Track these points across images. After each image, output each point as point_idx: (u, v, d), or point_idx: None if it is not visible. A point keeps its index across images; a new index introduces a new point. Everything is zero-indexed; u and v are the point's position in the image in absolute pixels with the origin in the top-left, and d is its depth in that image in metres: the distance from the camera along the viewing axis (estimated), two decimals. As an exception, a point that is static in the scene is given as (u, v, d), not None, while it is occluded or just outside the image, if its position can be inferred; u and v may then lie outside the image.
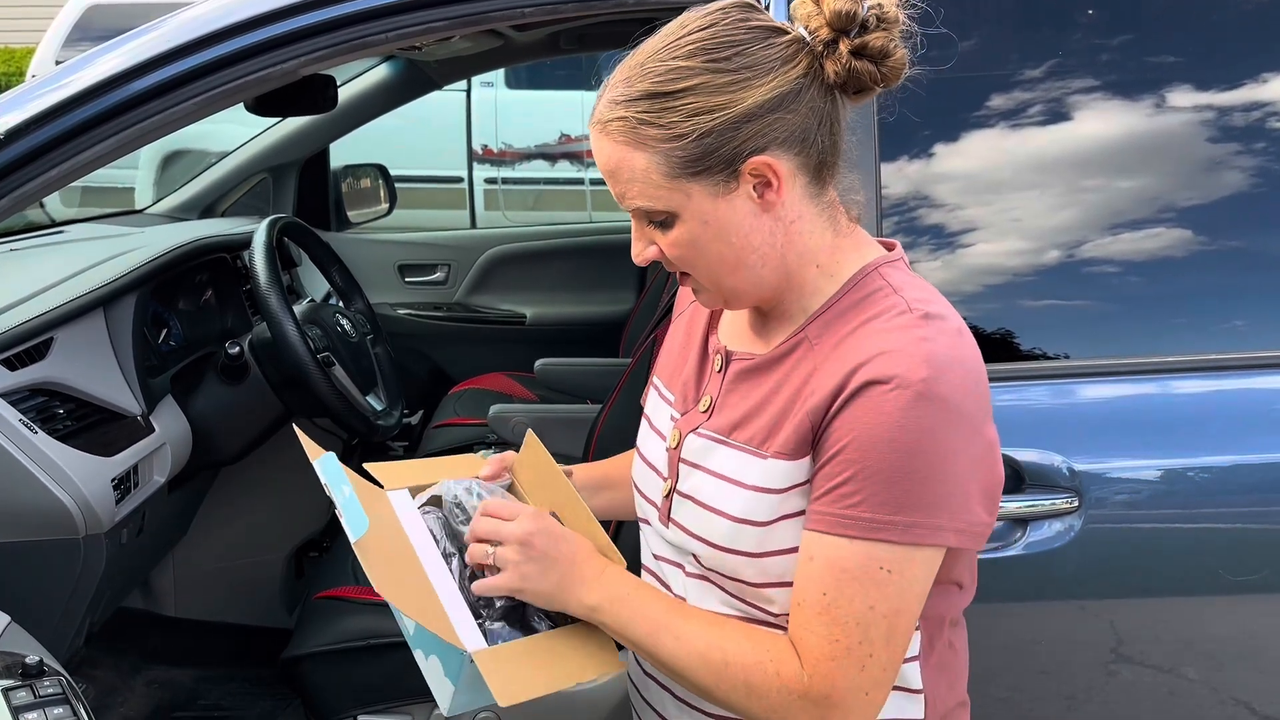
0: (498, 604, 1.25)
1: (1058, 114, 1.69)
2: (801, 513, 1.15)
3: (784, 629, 1.17)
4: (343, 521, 1.24)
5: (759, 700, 1.13)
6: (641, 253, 1.19)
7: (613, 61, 1.18)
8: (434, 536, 1.30)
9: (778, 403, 1.17)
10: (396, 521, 1.30)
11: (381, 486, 1.35)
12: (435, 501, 1.33)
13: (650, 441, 1.32)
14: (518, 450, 1.40)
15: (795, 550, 1.15)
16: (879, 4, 1.12)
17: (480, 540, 1.24)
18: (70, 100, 1.66)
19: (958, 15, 1.72)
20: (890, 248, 1.24)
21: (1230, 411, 1.67)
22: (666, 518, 1.26)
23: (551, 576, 1.21)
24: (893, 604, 1.10)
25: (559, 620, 1.28)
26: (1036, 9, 1.76)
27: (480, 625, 1.24)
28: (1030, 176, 1.72)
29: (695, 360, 1.30)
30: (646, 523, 1.32)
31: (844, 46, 1.11)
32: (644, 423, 1.35)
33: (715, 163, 1.11)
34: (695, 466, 1.23)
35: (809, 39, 1.12)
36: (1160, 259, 1.69)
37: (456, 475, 1.37)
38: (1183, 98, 1.70)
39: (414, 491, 1.36)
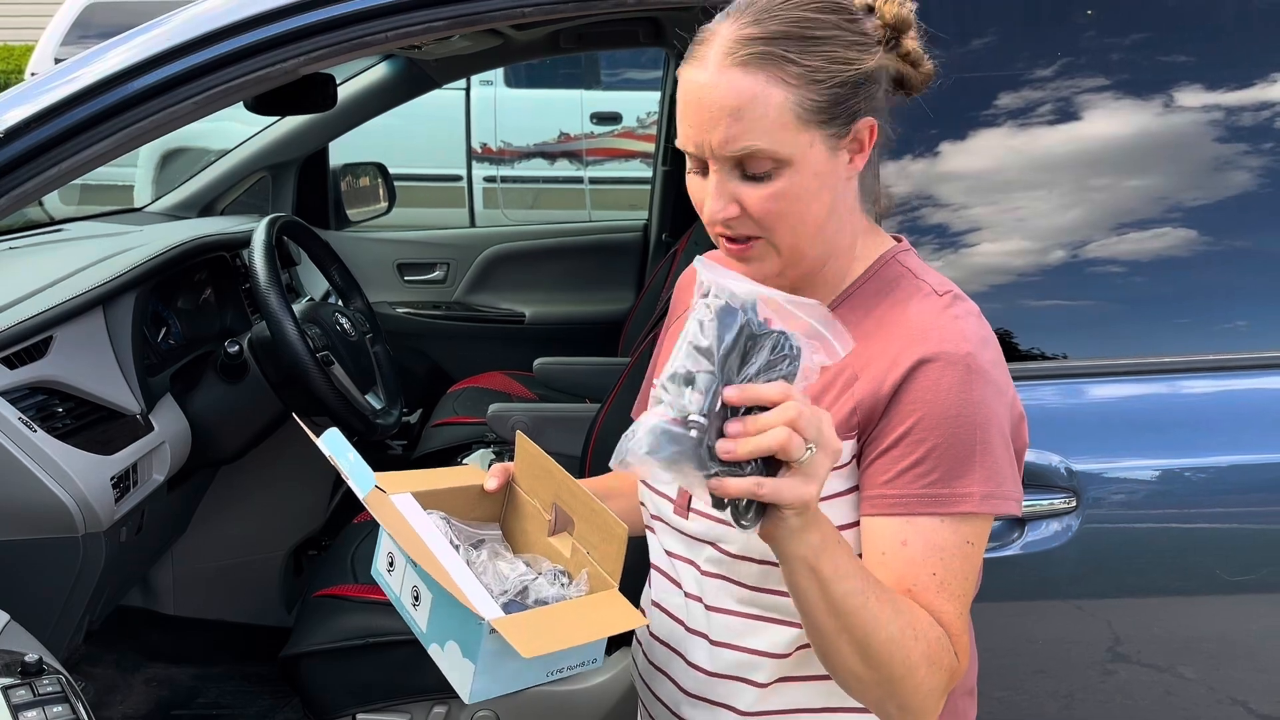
0: (508, 591, 1.24)
1: (1058, 114, 1.70)
2: (838, 494, 1.17)
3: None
4: (350, 483, 1.25)
5: (932, 674, 1.10)
6: (723, 210, 1.13)
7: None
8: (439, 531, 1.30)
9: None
10: (400, 515, 1.30)
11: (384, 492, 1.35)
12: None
13: None
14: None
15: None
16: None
17: (798, 428, 0.95)
18: (71, 98, 1.66)
19: (958, 13, 1.73)
20: (898, 240, 1.27)
21: (1228, 412, 1.68)
22: (686, 509, 1.27)
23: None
24: (978, 573, 1.17)
25: None
26: (1038, 7, 1.76)
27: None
28: (1028, 176, 1.72)
29: None
30: (659, 520, 1.33)
31: (908, 44, 1.17)
32: None
33: (840, 114, 1.12)
34: None
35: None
36: (1158, 259, 1.70)
37: (460, 484, 1.36)
38: (1183, 97, 1.71)
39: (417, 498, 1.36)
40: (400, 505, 1.30)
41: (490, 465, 1.38)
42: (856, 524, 1.18)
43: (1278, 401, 1.67)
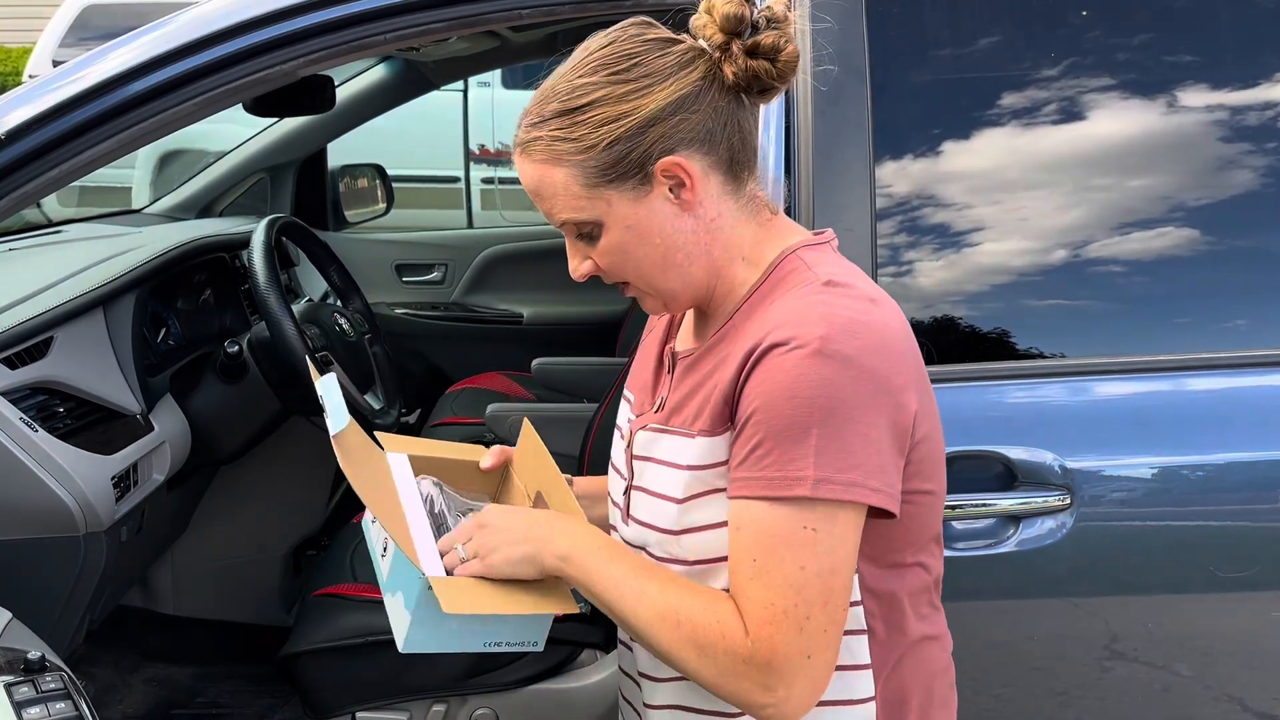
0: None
1: (1048, 114, 1.71)
2: (725, 488, 1.18)
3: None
4: (328, 420, 1.30)
5: (709, 662, 1.13)
6: (578, 268, 1.24)
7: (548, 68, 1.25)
8: (421, 496, 1.35)
9: (706, 387, 1.22)
10: (387, 468, 1.35)
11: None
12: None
13: (616, 446, 1.37)
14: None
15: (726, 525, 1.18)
16: (769, 6, 1.19)
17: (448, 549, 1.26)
18: (71, 100, 1.67)
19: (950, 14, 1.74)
20: (820, 234, 1.28)
21: (1222, 409, 1.69)
22: (627, 514, 1.31)
23: (518, 543, 1.21)
24: (823, 562, 1.11)
25: None
26: (1030, 7, 1.77)
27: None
28: (1020, 175, 1.73)
29: (653, 367, 1.36)
30: (613, 529, 1.36)
31: (737, 48, 1.18)
32: (615, 432, 1.40)
33: (628, 167, 1.17)
34: (646, 459, 1.28)
35: (706, 45, 1.19)
36: (1155, 258, 1.71)
37: (461, 458, 1.42)
38: (1183, 97, 1.72)
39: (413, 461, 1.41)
40: (392, 463, 1.35)
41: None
42: None
43: (1271, 399, 1.69)
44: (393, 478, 1.34)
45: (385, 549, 1.33)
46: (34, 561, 1.91)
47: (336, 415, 1.31)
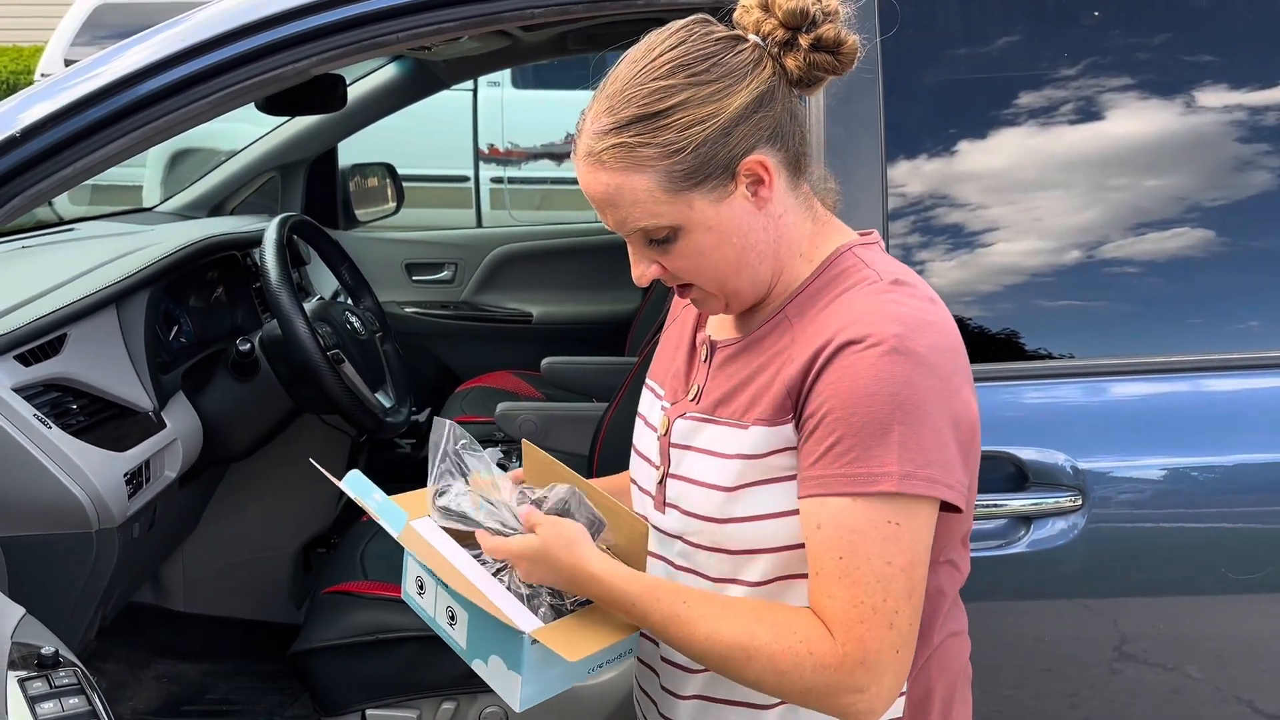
0: (544, 592, 1.25)
1: (1061, 114, 1.71)
2: (781, 478, 1.18)
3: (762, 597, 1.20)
4: (382, 523, 1.26)
5: (793, 682, 1.12)
6: (644, 274, 1.23)
7: (598, 64, 1.24)
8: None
9: (760, 378, 1.21)
10: (429, 541, 1.30)
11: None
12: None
13: (644, 436, 1.36)
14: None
15: (777, 515, 1.18)
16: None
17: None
18: (86, 98, 1.67)
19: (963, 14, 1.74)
20: (867, 235, 1.29)
21: (1235, 411, 1.68)
22: (662, 504, 1.30)
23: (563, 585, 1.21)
24: (907, 556, 1.12)
25: None
26: (1043, 6, 1.77)
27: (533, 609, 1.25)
28: (1033, 176, 1.73)
29: (685, 356, 1.35)
30: (643, 517, 1.34)
31: (804, 42, 1.17)
32: (638, 422, 1.39)
33: (714, 169, 1.16)
34: (685, 448, 1.27)
35: (764, 43, 1.18)
36: (1166, 259, 1.70)
37: None
38: (1200, 97, 1.71)
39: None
40: (424, 529, 1.30)
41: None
42: None
43: (1283, 401, 1.68)
44: (435, 546, 1.28)
45: (453, 618, 1.29)
46: (47, 557, 1.92)
47: (388, 514, 1.26)
